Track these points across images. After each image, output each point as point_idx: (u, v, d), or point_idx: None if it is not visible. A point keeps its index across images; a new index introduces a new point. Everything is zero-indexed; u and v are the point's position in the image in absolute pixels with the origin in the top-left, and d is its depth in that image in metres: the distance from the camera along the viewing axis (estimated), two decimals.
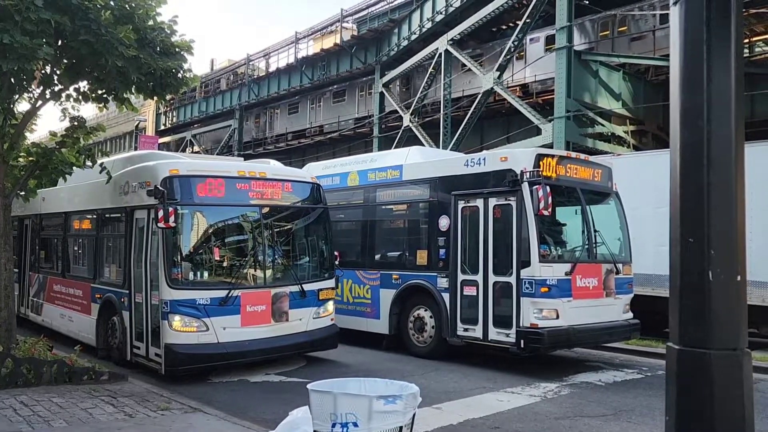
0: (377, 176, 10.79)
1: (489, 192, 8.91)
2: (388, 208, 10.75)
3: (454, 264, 9.20)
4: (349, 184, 11.23)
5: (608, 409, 6.86)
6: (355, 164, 11.77)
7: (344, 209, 11.29)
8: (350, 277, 10.76)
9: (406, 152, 11.12)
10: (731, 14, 2.35)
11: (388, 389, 3.97)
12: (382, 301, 10.28)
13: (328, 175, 11.44)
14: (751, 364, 2.38)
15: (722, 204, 2.35)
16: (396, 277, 10.12)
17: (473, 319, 8.90)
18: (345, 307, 10.73)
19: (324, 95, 32.47)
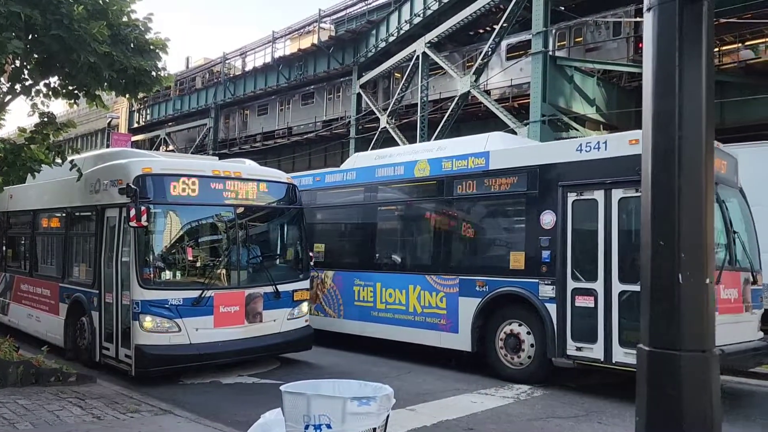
0: (455, 165, 9.09)
1: (613, 182, 7.34)
2: (469, 202, 9.09)
3: (562, 269, 7.66)
4: (417, 175, 9.62)
5: (580, 410, 6.93)
6: (418, 153, 10.37)
7: (410, 204, 10.00)
8: (418, 282, 9.29)
9: (486, 138, 9.63)
10: (703, 21, 2.39)
11: (362, 391, 3.95)
12: (461, 312, 8.70)
13: (385, 165, 10.20)
14: (718, 366, 2.43)
15: (692, 208, 2.40)
16: (481, 284, 8.51)
17: (590, 335, 7.38)
18: (410, 318, 9.36)
19: (293, 97, 32.45)
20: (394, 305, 9.60)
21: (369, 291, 10.02)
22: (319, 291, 10.78)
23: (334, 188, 11.09)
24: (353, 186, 10.74)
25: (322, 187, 11.24)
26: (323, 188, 11.22)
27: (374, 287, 9.93)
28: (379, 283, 9.87)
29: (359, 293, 10.21)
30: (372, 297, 9.96)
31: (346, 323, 10.40)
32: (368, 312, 9.96)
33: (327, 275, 10.78)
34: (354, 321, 10.25)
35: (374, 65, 27.01)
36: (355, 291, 10.28)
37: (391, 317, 9.64)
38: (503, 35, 20.84)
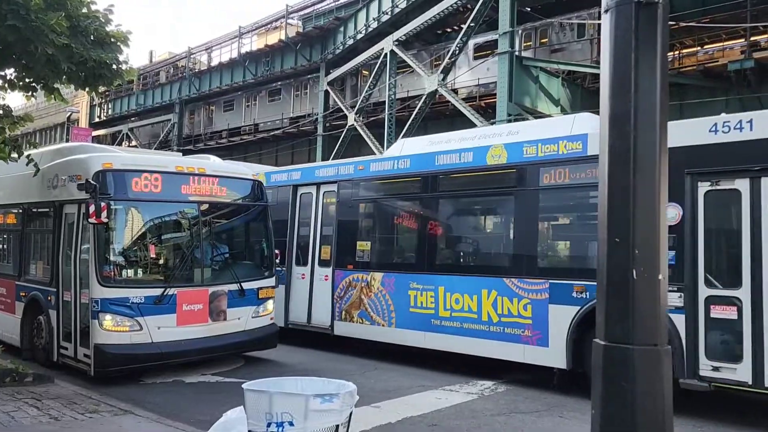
0: (542, 150, 7.82)
1: (762, 169, 6.25)
2: (560, 193, 7.88)
3: (692, 273, 6.55)
4: (490, 163, 8.35)
5: (542, 405, 7.06)
6: (486, 137, 9.06)
7: (481, 196, 8.84)
8: (494, 286, 8.08)
9: (572, 120, 8.41)
10: (657, 23, 2.46)
11: (325, 388, 3.94)
12: (552, 322, 7.53)
13: (448, 152, 8.90)
14: (670, 360, 2.51)
15: (647, 206, 2.46)
16: (580, 290, 7.27)
17: (732, 353, 6.32)
18: (483, 328, 8.15)
19: (260, 93, 32.21)
20: (461, 313, 8.32)
21: (429, 296, 8.71)
22: (363, 296, 9.56)
23: (382, 178, 9.77)
24: (407, 175, 9.36)
25: (366, 177, 9.94)
26: (368, 178, 9.93)
27: (436, 292, 8.61)
28: (442, 287, 8.56)
29: (416, 298, 8.85)
30: (433, 303, 8.63)
31: (398, 333, 9.08)
32: (427, 320, 8.68)
33: (374, 278, 9.44)
34: (409, 330, 8.92)
35: (342, 62, 26.95)
36: (411, 296, 8.92)
37: (458, 327, 8.34)
38: (470, 35, 21.02)
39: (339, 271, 10.03)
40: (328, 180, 10.50)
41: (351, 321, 9.73)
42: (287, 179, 11.26)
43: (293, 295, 10.73)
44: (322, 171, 10.81)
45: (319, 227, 10.55)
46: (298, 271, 10.74)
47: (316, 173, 10.86)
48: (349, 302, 9.80)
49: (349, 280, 9.86)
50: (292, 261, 10.81)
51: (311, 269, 10.53)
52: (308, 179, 10.90)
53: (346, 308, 9.81)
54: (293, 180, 11.12)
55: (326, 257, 10.31)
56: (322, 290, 10.23)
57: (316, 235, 10.54)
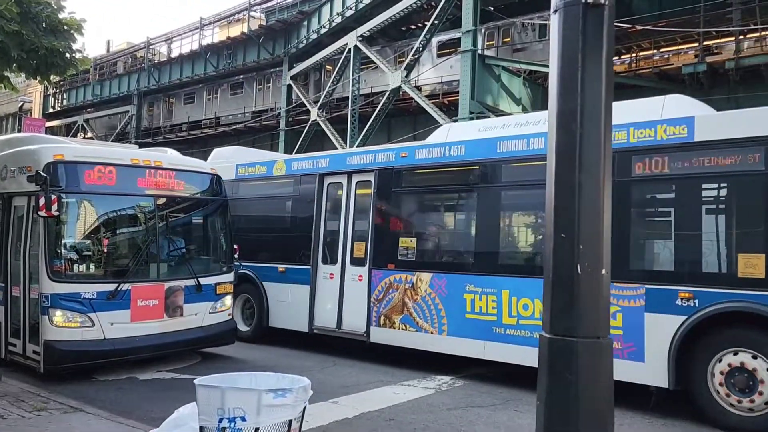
0: (634, 136, 6.90)
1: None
2: (658, 184, 6.95)
3: None
4: None
5: (498, 399, 7.17)
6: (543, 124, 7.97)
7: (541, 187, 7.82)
8: None
9: (661, 102, 7.46)
10: (604, 24, 2.52)
11: (279, 383, 3.92)
12: (649, 334, 6.58)
13: (513, 137, 7.92)
14: (612, 352, 2.59)
15: (591, 203, 2.53)
16: (686, 296, 6.37)
17: None
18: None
19: (221, 86, 31.77)
20: (532, 320, 7.37)
21: (490, 300, 7.76)
22: (407, 299, 8.55)
23: (430, 167, 8.73)
24: (462, 163, 8.32)
25: (410, 166, 8.90)
26: (413, 167, 8.90)
27: (499, 296, 7.70)
28: (507, 291, 7.64)
29: (473, 303, 7.91)
30: (495, 308, 7.71)
31: (450, 342, 8.13)
32: (488, 328, 7.77)
33: (421, 279, 8.47)
34: (464, 339, 7.98)
35: (305, 57, 26.78)
36: (467, 300, 7.96)
37: (526, 336, 7.40)
38: (434, 32, 21.14)
39: (377, 271, 8.94)
40: (362, 168, 9.35)
41: (392, 327, 8.68)
42: (312, 167, 10.08)
43: (319, 297, 9.65)
44: (354, 158, 9.58)
45: (350, 221, 9.49)
46: (326, 270, 9.65)
47: (347, 161, 9.66)
48: (389, 306, 8.73)
49: (389, 281, 8.78)
50: (317, 259, 9.75)
51: (341, 268, 9.46)
52: (338, 167, 9.74)
53: (386, 313, 8.76)
54: (319, 168, 9.97)
55: (360, 255, 9.26)
56: (356, 292, 9.17)
57: (348, 231, 9.49)
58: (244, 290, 10.60)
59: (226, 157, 11.77)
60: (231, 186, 10.76)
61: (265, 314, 10.33)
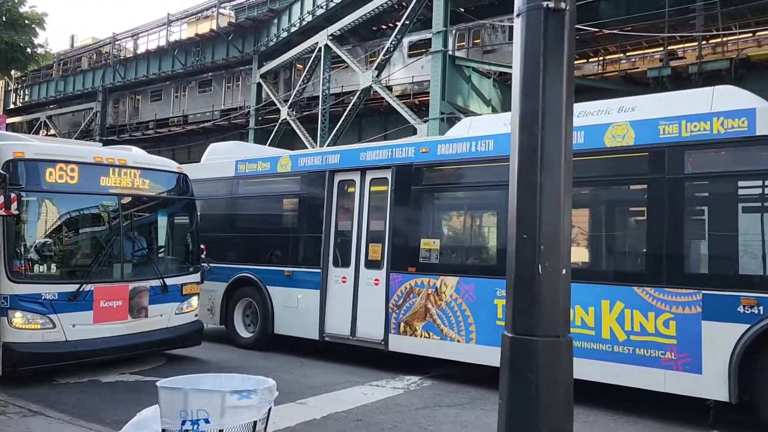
0: (687, 129, 6.38)
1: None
2: (716, 181, 6.48)
3: None
4: (610, 144, 6.88)
5: (465, 398, 7.22)
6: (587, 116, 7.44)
7: (599, 184, 7.27)
8: (619, 297, 6.63)
9: (710, 93, 6.87)
10: (565, 28, 2.57)
11: (244, 384, 3.89)
12: (707, 344, 6.11)
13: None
14: (572, 351, 2.63)
15: (552, 204, 2.58)
16: (750, 303, 5.87)
17: None
18: (604, 347, 6.69)
19: (190, 84, 31.37)
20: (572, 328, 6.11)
21: None
22: (430, 305, 8.05)
23: (455, 163, 8.20)
24: (491, 159, 7.73)
25: (432, 162, 8.36)
26: (435, 163, 8.36)
27: None
28: None
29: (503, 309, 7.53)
30: None
31: (479, 351, 7.58)
32: None
33: (445, 283, 7.93)
34: (495, 348, 6.94)
35: (276, 55, 26.59)
36: (499, 306, 7.37)
37: None
38: (405, 32, 21.20)
39: (396, 275, 8.40)
40: (378, 165, 8.83)
41: (413, 335, 8.17)
42: (321, 164, 9.49)
43: (331, 302, 9.09)
44: (369, 154, 9.00)
45: (365, 221, 8.95)
46: (338, 273, 9.09)
47: (360, 157, 9.09)
48: (410, 312, 8.21)
49: (409, 286, 8.25)
50: (328, 262, 9.18)
51: (355, 272, 8.91)
52: (350, 164, 9.18)
53: (407, 319, 8.24)
54: (330, 165, 9.37)
55: (376, 257, 8.71)
56: (372, 297, 8.64)
57: (362, 231, 8.94)
58: (246, 294, 10.11)
59: (223, 153, 11.29)
60: (230, 183, 10.50)
61: (270, 320, 9.69)
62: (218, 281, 10.19)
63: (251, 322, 10.19)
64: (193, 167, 11.64)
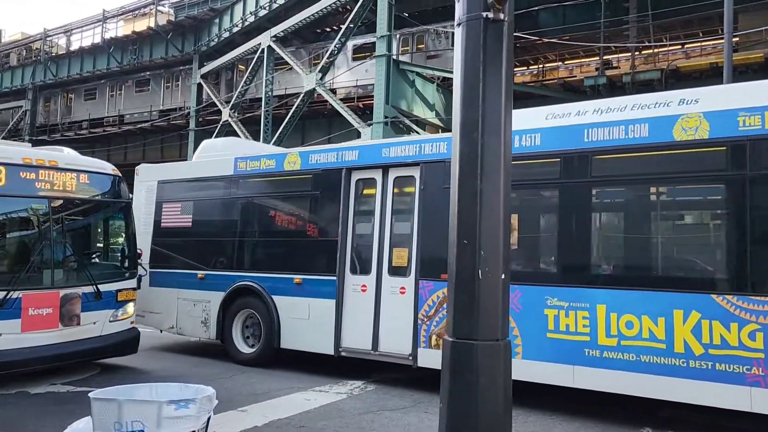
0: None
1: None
2: None
3: None
4: (678, 138, 6.25)
5: (409, 401, 7.25)
6: (644, 108, 6.73)
7: (659, 182, 6.64)
8: (694, 306, 6.00)
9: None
10: (503, 38, 2.63)
11: (181, 393, 3.80)
12: None
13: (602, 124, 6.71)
14: (510, 353, 2.69)
15: (492, 209, 2.63)
16: None
17: None
18: (677, 362, 6.07)
19: (126, 83, 30.42)
20: (638, 341, 6.23)
21: (581, 317, 6.56)
22: None
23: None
24: (537, 155, 7.15)
25: None
26: None
27: (592, 311, 6.47)
28: (603, 305, 6.43)
29: (558, 320, 6.70)
30: (588, 327, 6.50)
31: (527, 366, 6.80)
32: (579, 350, 6.53)
33: None
34: (545, 363, 6.73)
35: (217, 55, 26.13)
36: (549, 316, 6.75)
37: (631, 360, 6.24)
38: (349, 36, 21.22)
39: (426, 283, 7.63)
40: (403, 162, 8.11)
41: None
42: (336, 161, 8.68)
43: (348, 313, 8.29)
44: (393, 150, 8.27)
45: (387, 224, 8.22)
46: (356, 281, 8.28)
47: (383, 153, 8.36)
48: (443, 324, 7.36)
49: (443, 294, 7.38)
50: (344, 269, 8.37)
51: (377, 279, 8.15)
52: (370, 161, 8.41)
53: (440, 332, 7.44)
54: (346, 162, 8.58)
55: (401, 263, 8.02)
56: (397, 307, 7.91)
57: (384, 235, 8.20)
58: (247, 305, 9.15)
59: (218, 150, 10.35)
60: (228, 183, 9.63)
61: (276, 333, 8.77)
62: (213, 290, 9.37)
63: (252, 336, 9.23)
64: (183, 166, 10.80)
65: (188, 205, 9.95)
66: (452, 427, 2.54)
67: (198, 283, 9.41)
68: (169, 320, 9.83)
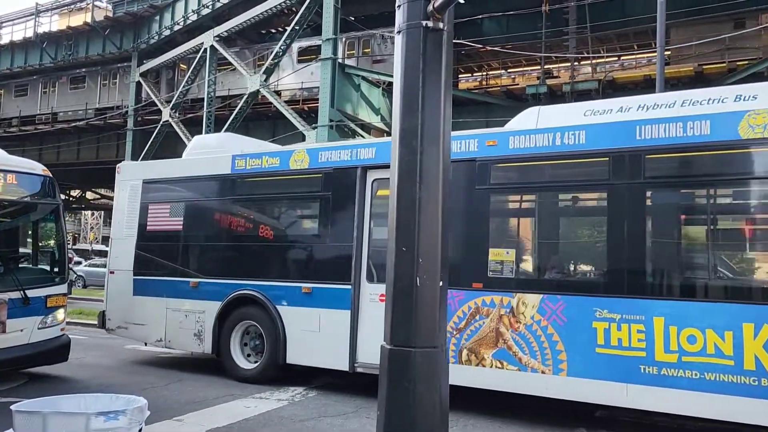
0: None
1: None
2: None
3: None
4: (745, 136, 5.83)
5: (350, 407, 7.22)
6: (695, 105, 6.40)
7: (726, 183, 6.25)
8: (757, 316, 5.55)
9: None
10: (443, 47, 2.65)
11: (111, 404, 3.65)
12: None
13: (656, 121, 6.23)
14: (447, 360, 2.71)
15: (430, 217, 2.65)
16: None
17: None
18: (749, 380, 5.55)
19: (60, 79, 29.24)
20: (702, 357, 5.75)
21: (635, 330, 6.04)
22: (504, 328, 6.73)
23: (532, 158, 6.91)
24: (583, 154, 6.62)
25: (504, 157, 7.07)
26: (508, 158, 7.06)
27: (648, 324, 5.95)
28: (661, 318, 5.94)
29: (609, 334, 6.16)
30: (644, 341, 5.98)
31: (574, 384, 6.30)
32: (633, 367, 6.02)
33: (524, 302, 6.63)
34: (594, 381, 6.20)
35: (157, 53, 25.45)
36: (599, 330, 6.21)
37: (694, 378, 5.75)
38: (294, 38, 21.06)
39: (456, 292, 6.98)
40: None
41: (480, 364, 6.81)
42: (351, 159, 8.02)
43: (365, 325, 7.61)
44: None
45: None
46: (373, 290, 7.59)
47: None
48: (476, 337, 6.89)
49: (475, 305, 6.95)
50: (360, 277, 7.71)
51: None
52: (389, 159, 7.10)
53: (471, 346, 6.93)
54: (362, 161, 7.88)
55: None
56: None
57: None
58: (247, 316, 8.44)
59: (212, 147, 9.60)
60: (225, 182, 8.89)
61: (281, 347, 8.09)
62: (208, 300, 8.65)
63: (253, 350, 8.57)
64: (172, 163, 9.88)
65: (179, 207, 9.18)
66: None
67: (190, 291, 8.71)
68: (157, 332, 9.05)
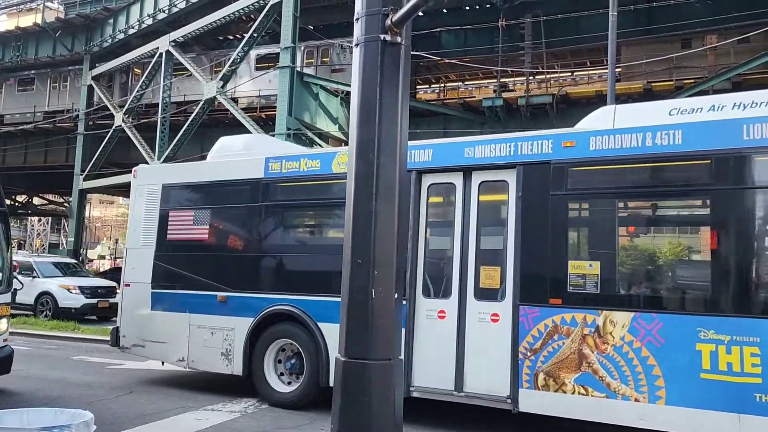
0: None
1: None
2: None
3: None
4: None
5: (305, 419, 7.16)
6: None
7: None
8: None
9: None
10: (401, 61, 2.68)
11: (56, 419, 3.53)
12: None
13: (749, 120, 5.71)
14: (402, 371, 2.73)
15: (386, 230, 2.66)
16: None
17: None
18: None
19: (8, 81, 28.29)
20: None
21: (748, 354, 5.39)
22: (587, 349, 6.09)
23: (618, 160, 6.28)
24: (680, 156, 6.00)
25: (584, 160, 6.44)
26: (589, 161, 6.44)
27: (764, 347, 5.34)
28: None
29: (716, 357, 5.53)
30: (760, 365, 5.36)
31: (673, 413, 5.66)
32: (746, 395, 5.39)
33: (612, 320, 6.01)
34: (698, 410, 5.57)
35: (110, 57, 24.89)
36: (704, 352, 5.58)
37: None
38: (252, 45, 20.89)
39: (529, 309, 6.44)
40: (492, 164, 6.88)
41: (560, 390, 6.14)
42: None
43: (420, 344, 6.98)
44: (479, 149, 6.97)
45: (472, 238, 6.95)
46: (431, 306, 7.01)
47: (465, 153, 7.05)
48: (554, 359, 6.24)
49: (553, 324, 6.32)
50: (415, 291, 7.08)
51: (459, 304, 6.88)
52: (448, 162, 7.15)
53: (549, 369, 6.26)
54: (416, 164, 7.16)
55: (492, 285, 6.77)
56: (488, 338, 6.65)
57: (467, 251, 6.95)
58: (283, 334, 7.76)
59: (239, 149, 8.91)
60: (258, 187, 8.21)
61: (323, 369, 7.35)
62: (239, 316, 7.96)
63: (289, 372, 7.87)
64: (194, 167, 9.28)
65: (204, 214, 8.52)
66: None
67: (217, 306, 8.04)
68: (178, 351, 8.35)
